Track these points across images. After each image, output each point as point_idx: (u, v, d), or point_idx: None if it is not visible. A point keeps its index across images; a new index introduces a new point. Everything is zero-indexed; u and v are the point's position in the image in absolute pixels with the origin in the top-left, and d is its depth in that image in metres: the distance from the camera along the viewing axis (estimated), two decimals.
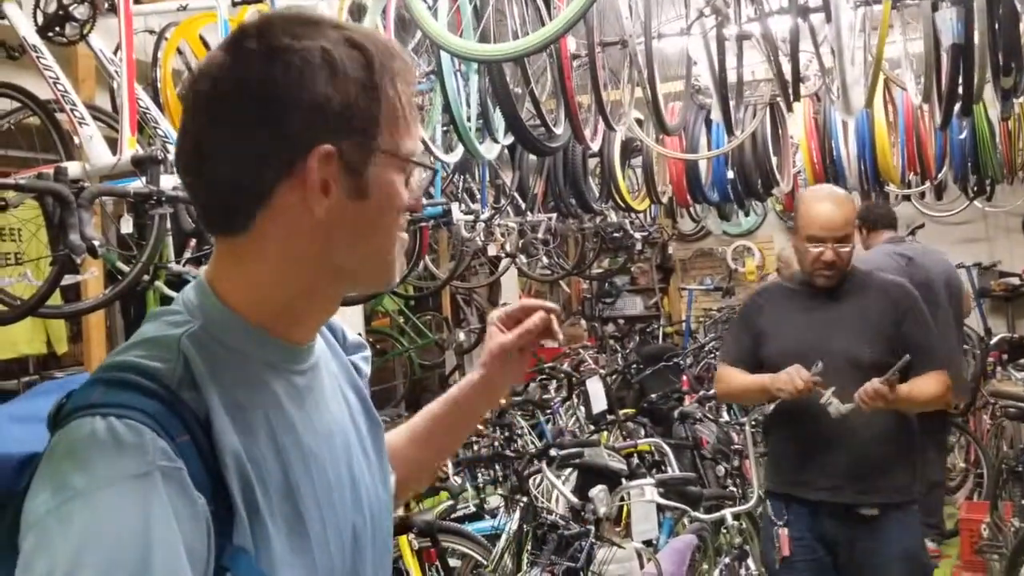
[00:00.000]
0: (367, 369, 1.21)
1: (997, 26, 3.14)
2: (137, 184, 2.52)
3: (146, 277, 3.43)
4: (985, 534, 4.62)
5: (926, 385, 2.82)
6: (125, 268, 3.10)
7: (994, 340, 7.25)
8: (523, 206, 6.09)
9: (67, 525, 0.79)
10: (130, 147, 2.56)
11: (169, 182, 2.70)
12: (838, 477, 2.85)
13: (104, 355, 3.93)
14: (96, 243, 2.30)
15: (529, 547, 3.37)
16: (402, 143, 0.98)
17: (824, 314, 2.93)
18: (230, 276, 0.98)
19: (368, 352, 1.24)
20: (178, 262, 3.56)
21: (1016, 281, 9.45)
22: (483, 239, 5.77)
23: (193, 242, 3.39)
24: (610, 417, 5.74)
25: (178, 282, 4.19)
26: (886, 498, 2.85)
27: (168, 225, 3.19)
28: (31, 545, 0.80)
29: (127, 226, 2.62)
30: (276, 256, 0.96)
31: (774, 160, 6.22)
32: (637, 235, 8.15)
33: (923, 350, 2.85)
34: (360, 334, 1.35)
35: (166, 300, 4.14)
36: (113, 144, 2.76)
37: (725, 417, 5.49)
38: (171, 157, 2.81)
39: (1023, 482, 4.66)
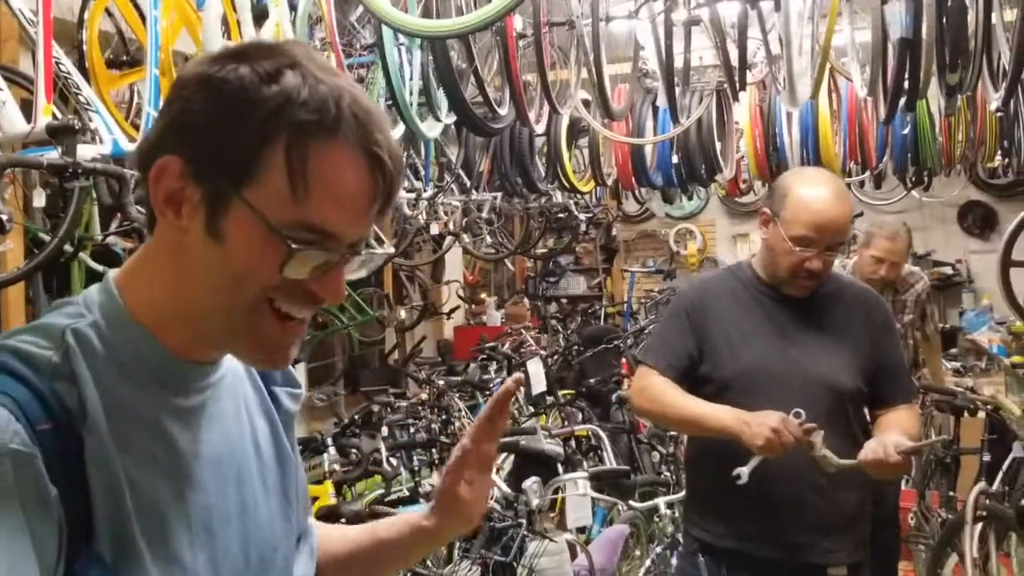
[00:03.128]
0: (293, 407, 1.12)
1: (945, 21, 3.13)
2: (52, 155, 2.37)
3: (69, 249, 3.29)
4: (912, 523, 4.70)
5: (910, 432, 2.25)
6: (47, 239, 2.96)
7: None
8: (468, 184, 6.00)
9: None
10: (45, 114, 2.41)
11: (88, 152, 2.55)
12: (804, 531, 2.26)
13: (23, 324, 3.79)
14: (4, 217, 2.16)
15: (460, 536, 3.32)
16: (279, 212, 0.85)
17: (795, 326, 2.34)
18: (134, 279, 0.94)
19: (300, 391, 1.14)
20: (104, 236, 3.43)
21: (949, 271, 9.65)
22: (426, 217, 5.68)
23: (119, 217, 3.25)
24: (549, 399, 5.72)
25: (105, 253, 4.04)
26: (853, 555, 2.31)
27: (92, 196, 3.06)
28: None
29: (40, 199, 2.47)
30: (161, 266, 0.92)
31: (718, 146, 6.22)
32: (582, 216, 8.13)
33: (897, 374, 2.40)
34: None
35: (91, 273, 4.00)
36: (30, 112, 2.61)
37: None
38: (91, 126, 2.67)
39: (950, 473, 4.75)
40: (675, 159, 6.11)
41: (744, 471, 2.08)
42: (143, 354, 0.91)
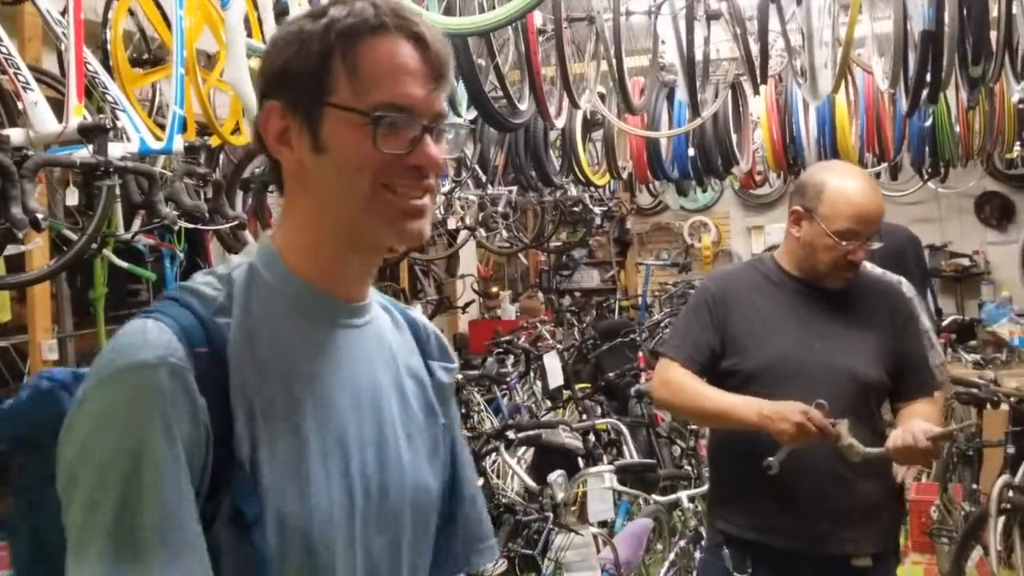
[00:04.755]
0: (446, 378, 1.25)
1: (967, 14, 3.12)
2: (83, 153, 2.40)
3: (93, 246, 3.32)
4: (935, 516, 4.68)
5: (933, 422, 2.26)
6: (73, 236, 2.98)
7: (945, 322, 7.36)
8: (484, 179, 6.00)
9: (94, 401, 0.96)
10: (76, 114, 2.43)
11: (118, 151, 2.58)
12: (827, 522, 2.25)
13: (48, 323, 3.82)
14: (40, 216, 2.19)
15: None
16: (357, 102, 1.02)
17: (820, 319, 2.35)
18: (282, 224, 1.12)
19: (454, 365, 1.28)
20: (127, 231, 3.45)
21: (966, 262, 9.60)
22: (443, 212, 5.69)
23: (143, 212, 3.27)
24: (567, 393, 5.73)
25: (127, 250, 4.06)
26: (878, 546, 2.32)
27: (117, 195, 3.08)
28: (71, 416, 0.97)
29: (72, 198, 2.50)
30: (296, 205, 1.10)
31: (734, 138, 6.21)
32: (596, 209, 8.12)
33: (920, 367, 2.41)
34: None
35: (114, 269, 4.02)
36: (60, 110, 2.63)
37: None
38: (120, 124, 2.69)
39: (973, 466, 4.73)
40: (691, 152, 6.10)
41: (773, 461, 2.09)
42: (291, 286, 1.08)
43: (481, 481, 3.53)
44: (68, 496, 0.95)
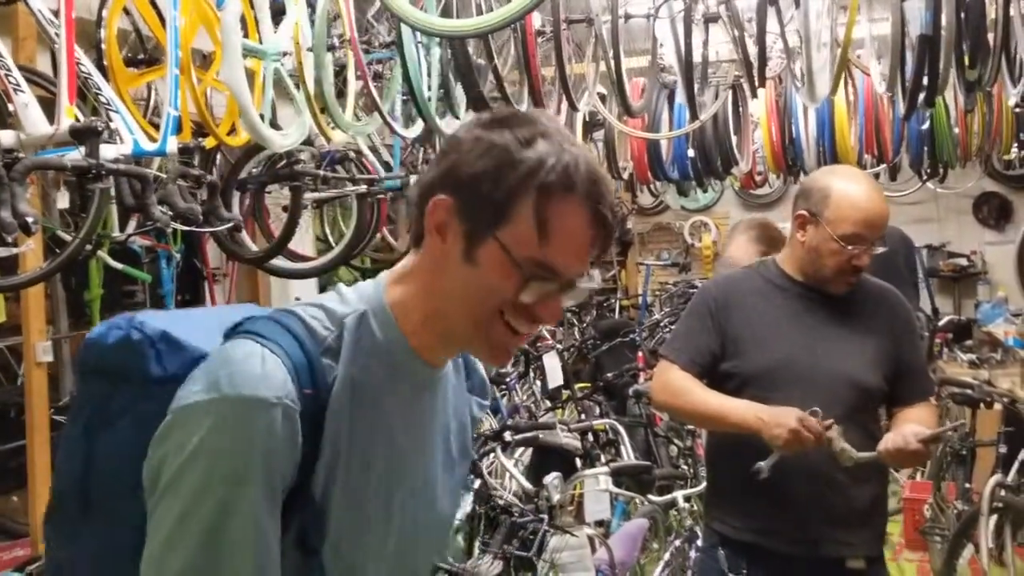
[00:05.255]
0: (478, 414, 1.37)
1: (964, 17, 3.11)
2: (75, 156, 2.39)
3: (88, 247, 3.31)
4: (928, 515, 4.69)
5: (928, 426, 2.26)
6: (67, 238, 2.97)
7: (941, 321, 7.36)
8: None
9: (205, 416, 1.02)
10: (68, 116, 2.42)
11: (111, 152, 2.57)
12: (823, 525, 2.28)
13: (43, 324, 3.80)
14: (30, 220, 2.18)
15: (481, 531, 3.34)
16: (523, 250, 1.08)
17: (822, 324, 2.35)
18: (400, 282, 1.18)
19: (487, 402, 1.39)
20: (123, 236, 3.44)
21: (964, 262, 9.59)
22: None
23: (138, 214, 3.26)
24: (566, 393, 5.72)
25: (123, 252, 4.05)
26: (872, 548, 2.36)
27: (111, 196, 3.07)
28: (174, 420, 1.04)
29: (64, 201, 2.49)
30: (423, 276, 1.16)
31: (734, 139, 6.20)
32: None
33: (917, 372, 2.44)
34: None
35: (109, 270, 4.01)
36: (53, 112, 2.62)
37: None
38: (112, 125, 2.68)
39: (966, 465, 4.74)
40: (691, 153, 6.08)
41: (764, 466, 2.12)
42: (394, 345, 1.15)
43: (478, 483, 3.53)
44: (160, 496, 1.03)
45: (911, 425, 2.19)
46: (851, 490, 2.28)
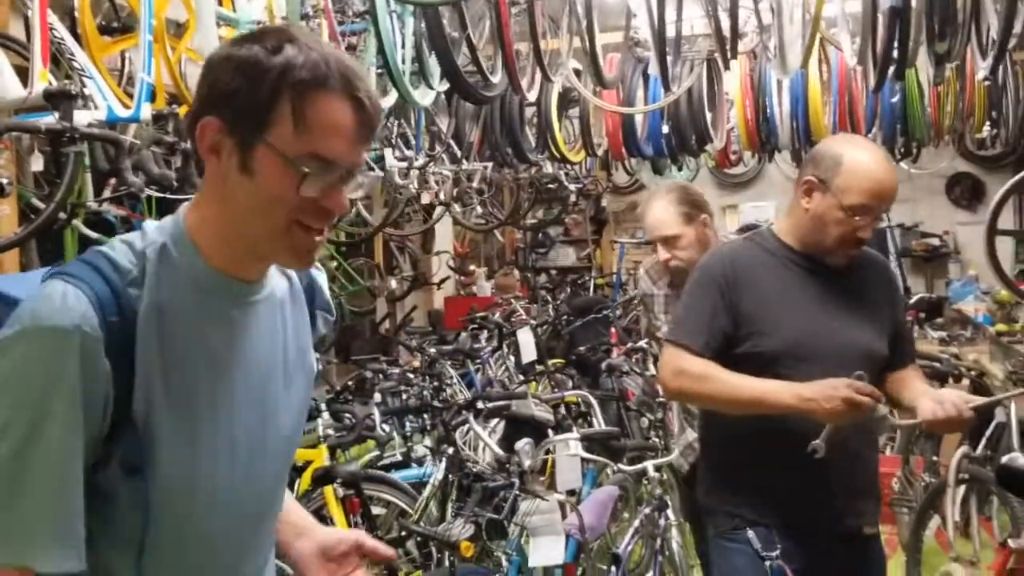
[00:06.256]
0: (323, 329, 1.45)
1: None
2: (49, 120, 2.39)
3: (63, 215, 3.30)
4: (896, 488, 4.78)
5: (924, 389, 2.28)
6: (41, 205, 2.97)
7: (913, 299, 7.46)
8: (459, 154, 6.01)
9: (11, 349, 1.12)
10: (42, 80, 2.42)
11: (84, 118, 2.57)
12: (845, 496, 2.27)
13: None
14: (4, 181, 2.18)
15: (454, 497, 3.38)
16: (291, 148, 1.15)
17: (828, 295, 2.29)
18: (194, 209, 1.25)
19: (331, 317, 1.48)
20: (98, 202, 3.43)
21: (936, 242, 9.72)
22: (417, 186, 5.69)
23: (112, 181, 3.25)
24: (539, 368, 5.77)
25: (97, 221, 4.04)
26: (877, 515, 2.36)
27: (86, 163, 3.07)
28: None
29: (38, 164, 2.49)
30: (211, 200, 1.22)
31: (708, 116, 6.24)
32: (572, 186, 8.13)
33: (907, 336, 2.44)
34: None
35: (84, 240, 4.00)
36: (26, 76, 2.61)
37: (651, 370, 5.56)
38: (87, 92, 2.68)
39: (933, 439, 4.83)
40: (665, 129, 6.12)
41: (820, 444, 2.04)
42: (197, 270, 1.22)
43: (451, 450, 3.57)
44: None
45: (946, 392, 2.19)
46: (868, 460, 2.29)
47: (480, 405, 3.49)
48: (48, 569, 1.13)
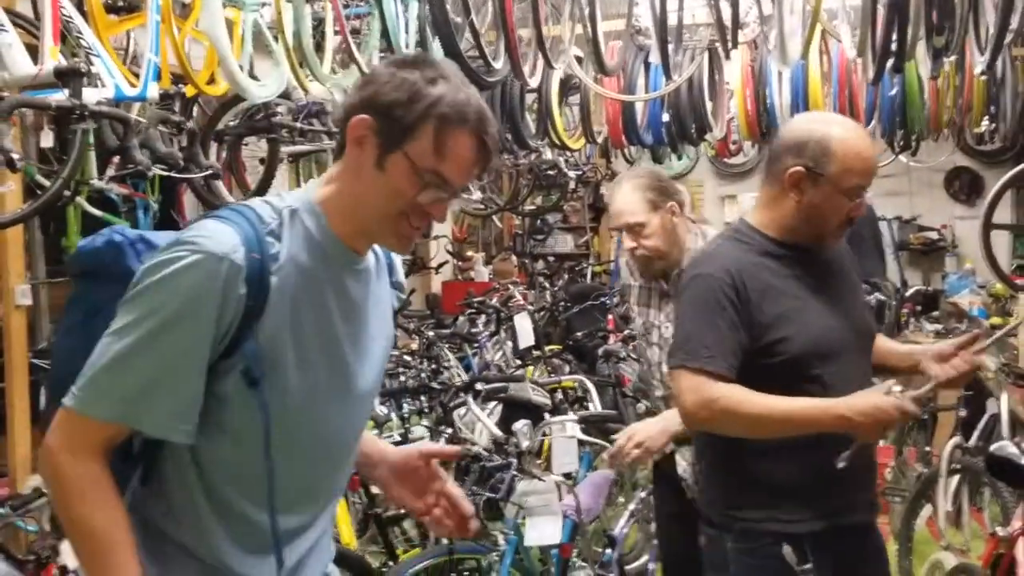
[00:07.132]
0: (395, 304, 1.72)
1: None
2: (59, 97, 2.42)
3: (67, 193, 3.33)
4: (889, 477, 4.84)
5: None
6: (45, 182, 2.99)
7: (909, 292, 7.50)
8: None
9: (175, 258, 1.36)
10: (52, 57, 2.45)
11: (92, 96, 2.60)
12: (861, 489, 2.23)
13: (21, 268, 3.83)
14: (15, 156, 2.22)
15: (452, 478, 3.41)
16: (423, 163, 1.41)
17: (821, 283, 2.20)
18: (326, 184, 1.50)
19: (403, 294, 1.80)
20: (100, 179, 3.46)
21: (934, 236, 9.75)
22: None
23: (116, 159, 3.28)
24: (536, 353, 5.81)
25: (100, 199, 4.06)
26: (878, 504, 2.36)
27: (91, 140, 3.09)
28: (151, 263, 1.38)
29: (47, 140, 2.52)
30: (343, 180, 1.49)
31: (709, 106, 6.26)
32: (571, 173, 8.15)
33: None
34: None
35: (87, 217, 4.02)
36: (34, 53, 2.64)
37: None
38: (95, 70, 2.71)
39: (927, 430, 4.88)
40: (665, 117, 6.13)
41: (845, 457, 2.01)
42: (322, 232, 1.48)
43: (449, 431, 3.61)
44: (125, 302, 1.37)
45: (940, 345, 2.24)
46: (872, 449, 2.24)
47: (479, 387, 3.53)
48: (155, 433, 1.39)
